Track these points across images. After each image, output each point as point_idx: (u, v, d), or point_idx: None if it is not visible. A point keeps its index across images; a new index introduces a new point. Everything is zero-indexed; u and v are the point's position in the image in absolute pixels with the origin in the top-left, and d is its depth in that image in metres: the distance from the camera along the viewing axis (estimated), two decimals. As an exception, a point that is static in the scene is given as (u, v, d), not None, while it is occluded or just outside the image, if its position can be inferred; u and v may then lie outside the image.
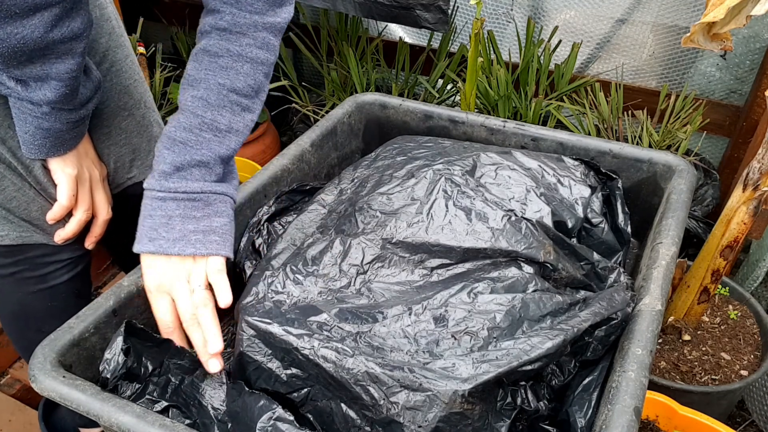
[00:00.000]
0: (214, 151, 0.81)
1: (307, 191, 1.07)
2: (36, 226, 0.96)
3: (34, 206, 0.94)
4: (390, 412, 0.68)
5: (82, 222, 0.97)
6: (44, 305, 1.03)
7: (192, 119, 0.80)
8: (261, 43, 0.83)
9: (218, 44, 0.82)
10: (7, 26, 0.72)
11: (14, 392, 1.60)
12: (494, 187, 0.92)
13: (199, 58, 0.82)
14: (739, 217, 1.19)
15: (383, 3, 1.72)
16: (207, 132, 0.80)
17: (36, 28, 0.74)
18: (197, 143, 0.80)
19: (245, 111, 0.83)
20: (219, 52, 0.82)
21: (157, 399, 0.77)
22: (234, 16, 0.81)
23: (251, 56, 0.83)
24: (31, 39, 0.74)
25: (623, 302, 0.79)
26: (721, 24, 1.04)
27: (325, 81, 2.12)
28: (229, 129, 0.82)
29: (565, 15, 1.93)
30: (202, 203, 0.80)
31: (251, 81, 0.83)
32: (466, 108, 1.58)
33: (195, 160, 0.80)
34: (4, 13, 0.71)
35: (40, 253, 0.98)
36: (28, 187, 0.93)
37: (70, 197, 0.93)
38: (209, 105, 0.80)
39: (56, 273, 1.01)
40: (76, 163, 0.93)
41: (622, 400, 0.66)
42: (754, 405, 1.52)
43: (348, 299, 0.82)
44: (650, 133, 1.74)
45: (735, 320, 1.41)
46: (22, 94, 0.81)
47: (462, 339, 0.74)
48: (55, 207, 0.94)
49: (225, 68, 0.81)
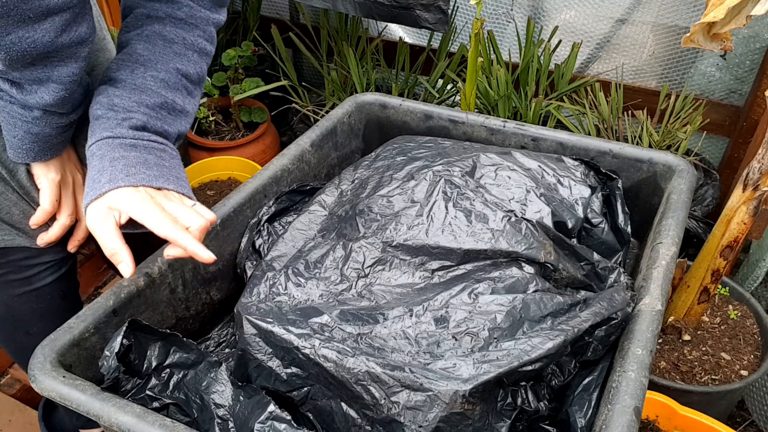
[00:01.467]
0: (173, 126, 0.87)
1: (307, 191, 1.07)
2: (18, 229, 0.96)
3: (17, 210, 0.94)
4: (391, 411, 0.68)
5: (66, 226, 0.97)
6: (30, 307, 1.03)
7: (155, 98, 0.85)
8: (208, 36, 0.91)
9: (174, 32, 0.87)
10: (19, 30, 0.72)
11: (14, 392, 1.60)
12: (494, 188, 0.92)
13: (152, 40, 0.87)
14: (739, 217, 1.19)
15: (383, 3, 1.72)
16: (164, 110, 0.86)
17: (47, 32, 0.74)
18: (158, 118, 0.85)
19: (191, 96, 0.90)
20: (174, 39, 0.87)
21: (157, 395, 0.77)
22: (191, 9, 0.89)
23: (200, 47, 0.90)
24: (41, 43, 0.74)
25: (623, 302, 0.79)
26: (721, 24, 1.04)
27: (325, 81, 2.12)
28: (182, 110, 0.88)
29: (565, 15, 1.93)
30: (168, 155, 0.83)
31: (198, 69, 0.90)
32: (466, 108, 1.58)
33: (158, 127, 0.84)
34: (18, 17, 0.71)
35: (23, 256, 0.98)
36: (11, 191, 0.93)
37: (53, 202, 0.93)
38: (168, 87, 0.86)
39: (40, 275, 1.01)
40: (59, 168, 0.93)
41: (622, 400, 0.66)
42: (754, 405, 1.52)
43: (349, 301, 0.82)
44: (650, 133, 1.74)
45: (735, 320, 1.41)
46: (16, 96, 0.80)
47: (463, 339, 0.74)
48: (38, 212, 0.93)
49: (179, 54, 0.87)
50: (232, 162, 1.99)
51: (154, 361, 0.78)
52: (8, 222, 0.94)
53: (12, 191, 0.93)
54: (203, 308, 0.96)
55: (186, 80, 0.88)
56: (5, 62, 0.74)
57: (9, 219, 0.94)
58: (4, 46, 0.72)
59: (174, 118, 0.86)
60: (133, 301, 0.82)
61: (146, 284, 0.84)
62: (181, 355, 0.78)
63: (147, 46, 0.86)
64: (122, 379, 0.76)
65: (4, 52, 0.72)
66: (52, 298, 1.05)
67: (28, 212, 0.95)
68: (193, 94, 0.90)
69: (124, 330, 0.75)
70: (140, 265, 0.85)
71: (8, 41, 0.72)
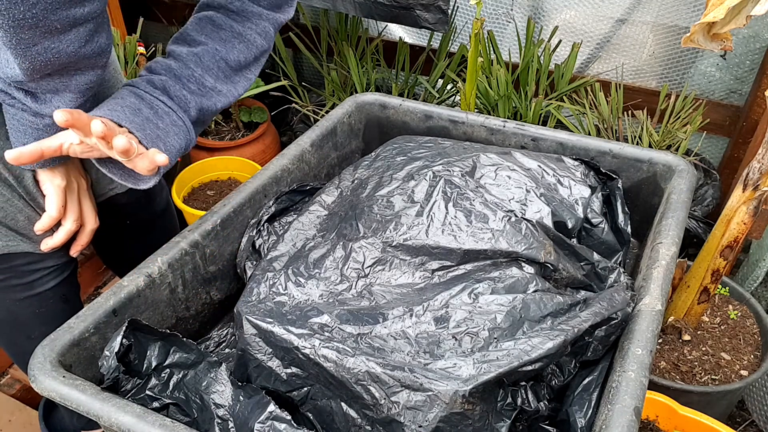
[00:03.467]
0: (196, 98, 0.89)
1: (307, 191, 1.07)
2: (23, 235, 0.96)
3: (22, 216, 0.94)
4: (391, 411, 0.68)
5: (71, 232, 0.97)
6: (32, 312, 1.03)
7: (183, 70, 0.88)
8: (261, 30, 0.94)
9: (224, 20, 0.92)
10: (45, 41, 0.72)
11: (14, 392, 1.60)
12: (494, 188, 0.92)
13: (202, 24, 0.91)
14: (739, 217, 1.19)
15: (383, 3, 1.72)
16: (193, 84, 0.89)
17: (71, 43, 0.75)
18: (181, 86, 0.88)
19: (228, 80, 0.93)
20: (223, 26, 0.92)
21: (157, 396, 0.77)
22: (243, 3, 0.93)
23: (249, 38, 0.93)
24: (66, 53, 0.75)
25: (623, 302, 0.79)
26: (721, 24, 1.04)
27: (325, 81, 2.12)
28: (213, 87, 0.90)
29: (565, 15, 1.93)
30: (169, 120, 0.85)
31: (242, 57, 0.93)
32: (466, 108, 1.58)
33: (176, 92, 0.87)
34: (45, 28, 0.71)
35: (26, 261, 0.98)
36: (17, 198, 0.93)
37: (59, 208, 0.93)
38: (201, 63, 0.89)
39: (42, 280, 1.01)
40: (64, 174, 0.93)
41: (622, 400, 0.66)
42: (754, 405, 1.52)
43: (349, 302, 0.82)
44: (650, 133, 1.74)
45: (735, 320, 1.41)
46: (30, 105, 0.81)
47: (463, 339, 0.74)
48: (44, 218, 0.94)
49: (224, 40, 0.91)
50: (232, 162, 1.99)
51: (154, 361, 0.78)
52: (13, 228, 0.95)
53: (18, 198, 0.93)
54: (203, 308, 0.96)
55: (224, 63, 0.91)
56: (27, 72, 0.75)
57: (14, 225, 0.94)
58: (30, 56, 0.73)
59: (200, 93, 0.89)
60: (133, 301, 0.82)
61: (146, 284, 0.84)
62: (181, 355, 0.79)
63: (196, 27, 0.92)
64: (122, 379, 0.76)
65: (28, 62, 0.73)
66: (53, 303, 1.05)
67: (33, 218, 0.95)
68: (233, 79, 0.93)
69: (123, 330, 0.75)
70: (140, 265, 0.85)
71: (34, 52, 0.72)
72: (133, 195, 1.13)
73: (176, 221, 1.32)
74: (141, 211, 1.19)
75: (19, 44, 0.71)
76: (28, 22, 0.69)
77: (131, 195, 1.12)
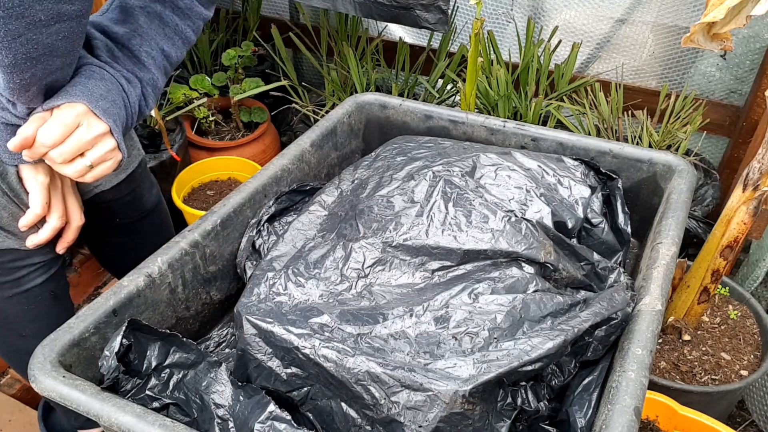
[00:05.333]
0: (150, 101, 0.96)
1: (307, 191, 1.07)
2: (8, 231, 0.96)
3: (6, 213, 0.94)
4: (391, 411, 0.68)
5: (56, 228, 0.97)
6: (21, 309, 1.03)
7: (147, 74, 0.95)
8: (196, 28, 1.01)
9: (170, 17, 0.97)
10: (28, 32, 0.73)
11: (14, 392, 1.60)
12: (494, 188, 0.92)
13: (151, 18, 0.96)
14: (739, 217, 1.19)
15: (383, 3, 1.72)
16: (149, 87, 0.95)
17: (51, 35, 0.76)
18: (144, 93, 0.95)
19: (166, 77, 0.99)
20: (169, 23, 0.97)
21: (157, 395, 0.77)
22: (192, 2, 0.98)
23: (187, 36, 0.99)
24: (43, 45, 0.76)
25: (623, 302, 0.79)
26: (721, 24, 1.04)
27: (325, 81, 2.12)
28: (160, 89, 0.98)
29: (565, 15, 1.93)
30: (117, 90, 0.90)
31: (179, 54, 1.00)
32: (466, 108, 1.58)
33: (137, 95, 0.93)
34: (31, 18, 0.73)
35: (11, 258, 0.98)
36: (0, 194, 0.93)
37: (43, 205, 0.93)
38: (156, 65, 0.96)
39: (30, 276, 1.01)
40: (48, 171, 0.92)
41: (622, 400, 0.66)
42: (754, 405, 1.52)
43: (349, 302, 0.82)
44: (650, 133, 1.74)
45: (735, 320, 1.41)
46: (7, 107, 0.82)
47: (463, 340, 0.74)
48: (27, 214, 0.93)
49: (168, 37, 0.97)
50: (232, 162, 1.99)
51: (154, 361, 0.78)
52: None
53: (2, 194, 0.93)
54: (203, 308, 0.96)
55: (167, 61, 0.97)
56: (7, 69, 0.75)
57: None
58: (14, 49, 0.73)
59: (153, 95, 0.96)
60: (133, 301, 0.82)
61: (146, 284, 0.84)
62: (180, 355, 0.79)
63: (147, 21, 0.95)
64: (122, 379, 0.76)
65: (11, 57, 0.73)
66: (42, 299, 1.05)
67: (17, 215, 0.94)
68: (168, 75, 0.99)
69: (123, 330, 0.75)
70: (140, 265, 0.85)
71: (18, 44, 0.73)
72: (120, 192, 1.13)
73: (168, 219, 1.31)
74: (129, 209, 1.19)
75: (7, 36, 0.72)
76: (16, 11, 0.70)
77: (117, 192, 1.12)
